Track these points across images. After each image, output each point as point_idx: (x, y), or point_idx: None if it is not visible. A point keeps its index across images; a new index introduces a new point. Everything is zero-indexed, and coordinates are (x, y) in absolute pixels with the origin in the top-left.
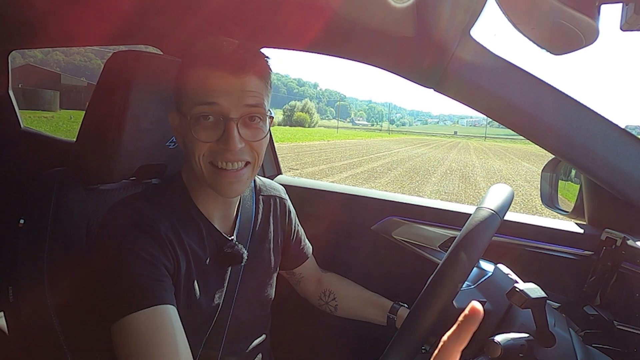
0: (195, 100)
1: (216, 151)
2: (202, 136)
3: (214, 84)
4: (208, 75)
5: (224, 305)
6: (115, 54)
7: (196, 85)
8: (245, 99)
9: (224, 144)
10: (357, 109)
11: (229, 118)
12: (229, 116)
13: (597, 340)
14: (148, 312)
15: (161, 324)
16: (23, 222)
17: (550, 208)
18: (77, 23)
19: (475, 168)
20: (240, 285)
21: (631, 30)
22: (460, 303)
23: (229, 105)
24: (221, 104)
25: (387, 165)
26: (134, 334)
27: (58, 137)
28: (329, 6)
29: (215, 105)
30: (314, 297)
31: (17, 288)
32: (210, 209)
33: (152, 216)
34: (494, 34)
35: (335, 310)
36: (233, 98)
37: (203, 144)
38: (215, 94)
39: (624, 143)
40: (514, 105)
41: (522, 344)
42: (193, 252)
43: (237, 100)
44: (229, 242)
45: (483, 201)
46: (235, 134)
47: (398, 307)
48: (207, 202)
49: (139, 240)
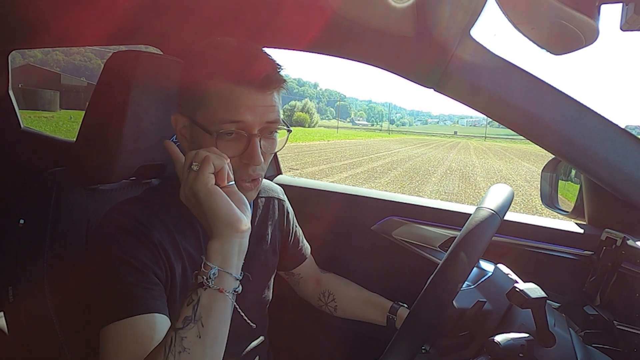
0: (221, 117)
1: (238, 167)
2: (226, 152)
3: (241, 101)
4: (236, 91)
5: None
6: (115, 54)
7: (222, 101)
8: (268, 115)
9: (247, 159)
10: (357, 109)
11: (252, 134)
12: (252, 132)
13: (597, 340)
14: (132, 320)
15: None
16: (23, 222)
17: (550, 208)
18: (77, 23)
19: (475, 168)
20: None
21: (631, 30)
22: (460, 303)
23: (253, 122)
24: (247, 122)
25: (387, 165)
26: (114, 342)
27: (58, 137)
28: (329, 6)
29: (241, 123)
30: (313, 297)
31: (17, 288)
32: None
33: (146, 222)
34: (494, 34)
35: (335, 311)
36: (257, 114)
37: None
38: (241, 111)
39: (624, 143)
40: (514, 105)
41: (522, 344)
42: (189, 255)
43: (260, 116)
44: None
45: (483, 201)
46: (258, 150)
47: (398, 307)
48: None
49: (130, 246)
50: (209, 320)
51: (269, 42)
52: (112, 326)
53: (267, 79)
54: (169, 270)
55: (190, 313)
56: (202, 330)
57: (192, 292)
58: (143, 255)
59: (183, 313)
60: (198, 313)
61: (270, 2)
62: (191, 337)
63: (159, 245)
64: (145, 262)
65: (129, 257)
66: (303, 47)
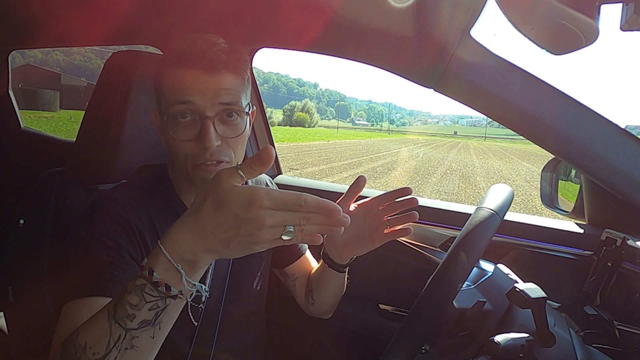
0: (170, 99)
1: (197, 152)
2: (180, 135)
3: (188, 83)
4: (181, 74)
5: (213, 300)
6: (115, 54)
7: (171, 85)
8: (220, 97)
9: (201, 142)
10: (357, 109)
11: (205, 116)
12: (204, 114)
13: (597, 340)
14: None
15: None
16: (23, 222)
17: (550, 208)
18: (77, 23)
19: (475, 168)
20: (229, 280)
21: (631, 30)
22: (460, 303)
23: (204, 104)
24: (196, 103)
25: (387, 165)
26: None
27: (58, 137)
28: (329, 6)
29: (190, 104)
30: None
31: (17, 288)
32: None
33: (125, 205)
34: (494, 34)
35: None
36: (207, 96)
37: (182, 143)
38: (189, 92)
39: (624, 143)
40: (514, 105)
41: (522, 344)
42: None
43: (211, 98)
44: None
45: (483, 201)
46: (211, 131)
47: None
48: (190, 195)
49: (105, 226)
50: (167, 324)
51: (269, 42)
52: (80, 301)
53: (214, 60)
54: (145, 254)
55: (151, 317)
56: (157, 332)
57: (159, 300)
58: (117, 236)
59: (142, 316)
60: (159, 319)
61: (270, 2)
62: (144, 338)
63: (135, 229)
64: (120, 242)
65: (103, 237)
66: (303, 47)
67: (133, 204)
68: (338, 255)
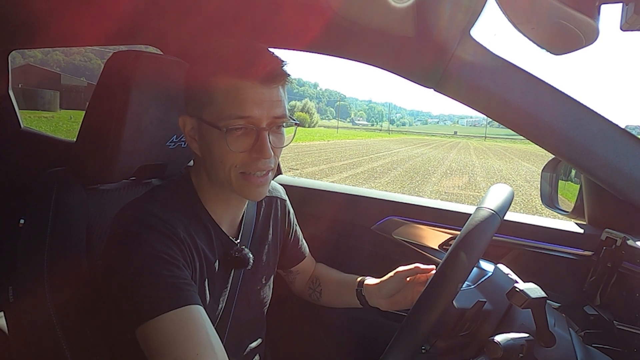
0: (227, 112)
1: (248, 162)
2: (236, 147)
3: (247, 96)
4: (241, 86)
5: (225, 307)
6: (115, 54)
7: (228, 96)
8: (274, 109)
9: (257, 153)
10: (357, 109)
11: (261, 128)
12: (260, 126)
13: (597, 340)
14: (179, 311)
15: (193, 321)
16: (23, 222)
17: (550, 208)
18: (77, 23)
19: (475, 168)
20: (240, 286)
21: (631, 30)
22: (460, 303)
23: (260, 116)
24: (254, 116)
25: (387, 165)
26: (166, 332)
27: (58, 137)
28: (329, 6)
29: (250, 118)
30: (305, 288)
31: (17, 288)
32: (219, 213)
33: (167, 218)
34: (494, 34)
35: (320, 295)
36: (264, 109)
37: (236, 154)
38: (249, 106)
39: (624, 143)
40: (514, 105)
41: (522, 344)
42: (205, 255)
43: (267, 111)
44: (235, 246)
45: (483, 201)
46: (267, 143)
47: (364, 279)
48: (218, 206)
49: (158, 242)
50: None
51: (269, 42)
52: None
53: (272, 73)
54: (192, 266)
55: None
56: None
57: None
58: (171, 250)
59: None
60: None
61: (270, 2)
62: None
63: (184, 241)
64: (175, 256)
65: (160, 253)
66: (303, 47)
67: (172, 218)
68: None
